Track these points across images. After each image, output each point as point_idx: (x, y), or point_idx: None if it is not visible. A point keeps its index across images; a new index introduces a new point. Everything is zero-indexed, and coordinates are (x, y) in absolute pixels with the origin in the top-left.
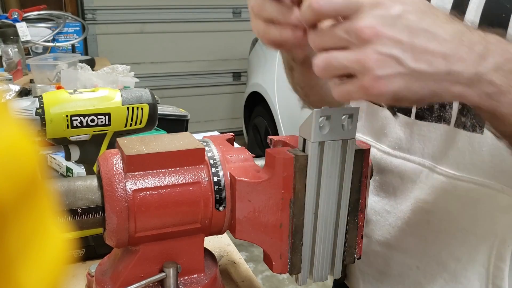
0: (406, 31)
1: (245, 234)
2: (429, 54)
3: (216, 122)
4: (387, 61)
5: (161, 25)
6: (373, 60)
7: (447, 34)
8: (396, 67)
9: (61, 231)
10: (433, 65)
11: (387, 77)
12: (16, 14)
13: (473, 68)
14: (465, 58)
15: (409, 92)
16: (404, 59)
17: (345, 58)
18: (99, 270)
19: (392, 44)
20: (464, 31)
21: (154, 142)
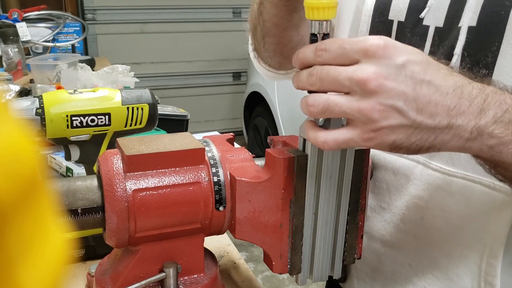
0: (410, 82)
1: (245, 234)
2: (431, 107)
3: (216, 122)
4: (391, 113)
5: (161, 25)
6: (376, 111)
7: (449, 87)
8: (399, 118)
9: (61, 231)
10: (434, 118)
11: (389, 128)
12: (16, 14)
13: (473, 122)
14: (466, 112)
15: (408, 142)
16: (407, 111)
17: (347, 105)
18: (99, 270)
19: (396, 96)
20: (465, 84)
21: (154, 142)
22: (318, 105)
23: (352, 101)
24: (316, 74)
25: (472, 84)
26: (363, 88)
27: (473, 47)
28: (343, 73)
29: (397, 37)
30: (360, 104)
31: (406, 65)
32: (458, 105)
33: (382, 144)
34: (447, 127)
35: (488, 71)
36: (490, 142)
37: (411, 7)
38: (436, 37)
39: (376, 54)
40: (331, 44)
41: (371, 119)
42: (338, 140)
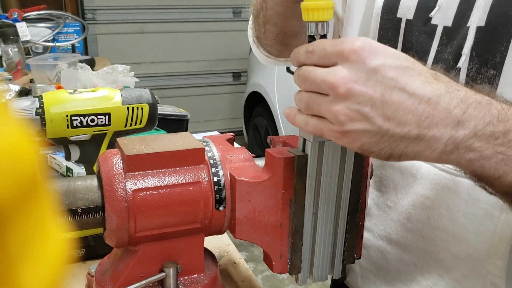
0: (380, 88)
1: (245, 234)
2: (401, 115)
3: (216, 122)
4: (357, 118)
5: (161, 25)
6: (342, 114)
7: (424, 95)
8: (365, 124)
9: (61, 231)
10: (403, 127)
11: (356, 131)
12: (16, 14)
13: (448, 134)
14: (440, 123)
15: (376, 148)
16: (373, 117)
17: (322, 106)
18: (99, 270)
19: (363, 101)
20: (443, 94)
21: (154, 142)
22: (302, 101)
23: (326, 102)
24: (301, 75)
25: (453, 93)
26: (334, 92)
27: (481, 47)
28: (319, 76)
29: (405, 35)
30: (331, 106)
31: (379, 69)
32: (431, 115)
33: (351, 146)
34: (418, 138)
35: (496, 72)
36: (469, 156)
37: (420, 6)
38: (444, 36)
39: (350, 57)
40: (317, 45)
41: (339, 121)
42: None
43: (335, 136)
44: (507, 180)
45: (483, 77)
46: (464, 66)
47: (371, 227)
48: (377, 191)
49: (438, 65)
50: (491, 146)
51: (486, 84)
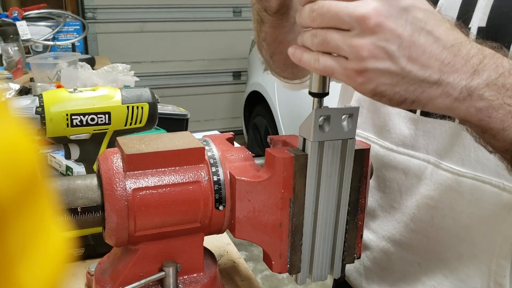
0: (409, 28)
1: (244, 234)
2: (425, 58)
3: (216, 122)
4: (381, 55)
5: (161, 24)
6: (366, 50)
7: (448, 42)
8: (387, 62)
9: (61, 230)
10: (426, 70)
11: (375, 70)
12: (16, 12)
13: (464, 82)
14: (459, 70)
15: (391, 91)
16: (398, 57)
17: (342, 40)
18: (98, 269)
19: (391, 38)
20: (464, 42)
21: (154, 141)
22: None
23: (348, 36)
24: (317, 9)
25: (472, 43)
26: (361, 25)
27: None
28: (345, 9)
29: None
30: (353, 40)
31: (410, 9)
32: (452, 61)
33: (365, 85)
34: (437, 83)
35: None
36: (479, 105)
37: None
38: None
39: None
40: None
41: (359, 57)
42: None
43: (349, 74)
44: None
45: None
46: None
47: (375, 228)
48: (381, 192)
49: None
50: (501, 97)
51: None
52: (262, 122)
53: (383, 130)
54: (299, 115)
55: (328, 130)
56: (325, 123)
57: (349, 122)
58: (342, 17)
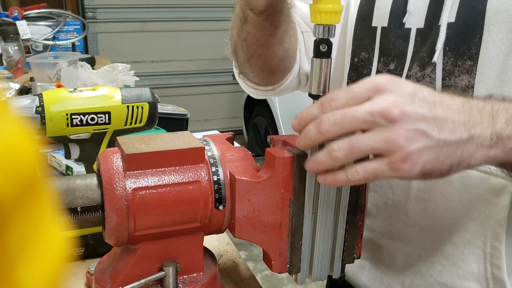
0: (425, 105)
1: (244, 233)
2: (449, 124)
3: (216, 121)
4: (416, 136)
5: (161, 23)
6: (402, 137)
7: (458, 104)
8: (424, 140)
9: (61, 230)
10: (455, 133)
11: (417, 151)
12: (16, 12)
13: (490, 129)
14: (480, 122)
15: (437, 162)
16: (430, 132)
17: (371, 139)
18: (98, 269)
19: (417, 120)
20: (470, 100)
21: (154, 141)
22: (343, 148)
23: (375, 134)
24: (328, 120)
25: (475, 100)
26: (387, 117)
27: (454, 41)
28: (361, 109)
29: (382, 42)
30: (385, 135)
31: (416, 92)
32: (471, 117)
33: (413, 169)
34: (469, 139)
35: (473, 62)
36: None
37: (393, 13)
38: (418, 37)
39: (387, 87)
40: (337, 92)
41: (398, 146)
42: (367, 170)
43: (394, 167)
44: None
45: (460, 68)
46: (439, 61)
47: (373, 227)
48: (372, 191)
49: (414, 64)
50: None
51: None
52: (262, 122)
53: None
54: None
55: None
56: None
57: None
58: (363, 116)
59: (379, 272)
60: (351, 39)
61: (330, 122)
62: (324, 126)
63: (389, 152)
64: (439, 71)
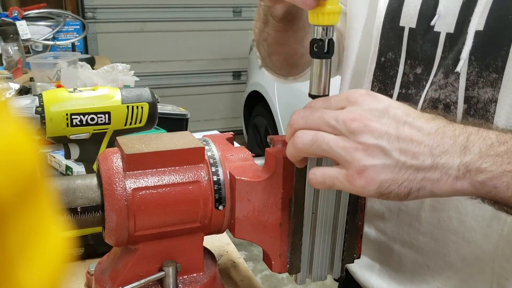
0: (392, 124)
1: (244, 233)
2: (414, 146)
3: (216, 121)
4: (374, 152)
5: (161, 24)
6: (360, 150)
7: (431, 128)
8: (383, 158)
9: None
10: (418, 157)
11: (373, 167)
12: (16, 12)
13: (458, 159)
14: (449, 150)
15: (394, 184)
16: (390, 150)
17: (332, 141)
18: (98, 269)
19: (379, 136)
20: (446, 125)
21: (154, 141)
22: (307, 139)
23: (338, 139)
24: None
25: (454, 125)
26: (348, 127)
27: (480, 51)
28: (330, 113)
29: (409, 44)
30: (345, 143)
31: (387, 109)
32: (441, 144)
33: (369, 186)
34: (432, 167)
35: (498, 75)
36: (481, 178)
37: (421, 14)
38: (447, 43)
39: (359, 100)
40: (315, 102)
41: (355, 158)
42: (325, 175)
43: (350, 180)
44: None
45: (485, 80)
46: (464, 70)
47: (385, 230)
48: None
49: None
50: (498, 165)
51: (489, 87)
52: (262, 122)
53: None
54: None
55: None
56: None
57: None
58: (328, 119)
59: (387, 276)
60: (378, 36)
61: (299, 116)
62: (294, 117)
63: (346, 163)
64: (463, 81)
